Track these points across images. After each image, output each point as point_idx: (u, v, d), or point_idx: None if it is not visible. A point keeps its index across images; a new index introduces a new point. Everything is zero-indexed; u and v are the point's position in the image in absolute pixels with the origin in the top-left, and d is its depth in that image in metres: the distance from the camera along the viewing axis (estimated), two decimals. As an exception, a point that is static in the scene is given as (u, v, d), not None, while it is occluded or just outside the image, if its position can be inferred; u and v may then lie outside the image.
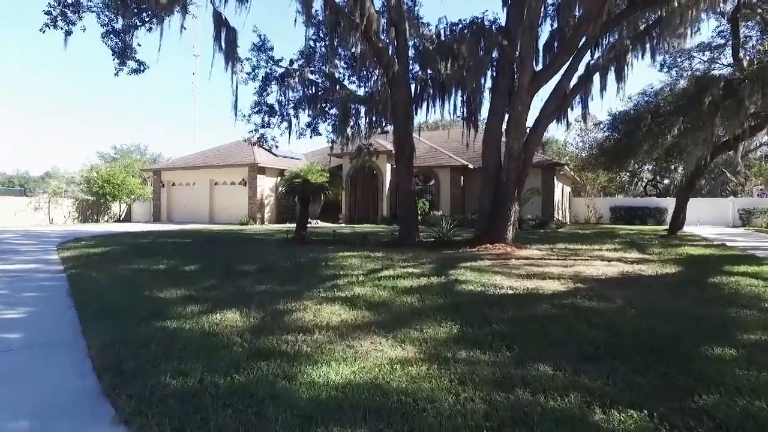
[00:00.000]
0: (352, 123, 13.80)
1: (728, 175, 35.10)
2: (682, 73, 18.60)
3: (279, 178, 22.32)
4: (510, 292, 5.59)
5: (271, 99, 13.01)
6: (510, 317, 4.39)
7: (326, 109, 14.22)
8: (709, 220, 24.25)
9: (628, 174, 38.89)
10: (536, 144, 10.60)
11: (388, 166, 22.59)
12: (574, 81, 10.46)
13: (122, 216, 28.00)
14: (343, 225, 21.56)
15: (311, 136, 13.63)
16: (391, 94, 10.82)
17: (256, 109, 12.90)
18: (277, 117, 13.28)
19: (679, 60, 18.53)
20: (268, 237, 13.63)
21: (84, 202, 26.53)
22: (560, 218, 23.23)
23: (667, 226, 24.02)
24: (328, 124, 14.41)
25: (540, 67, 10.46)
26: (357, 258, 8.44)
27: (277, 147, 13.73)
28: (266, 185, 23.21)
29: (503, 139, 10.64)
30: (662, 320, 4.26)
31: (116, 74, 10.17)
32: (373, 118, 12.96)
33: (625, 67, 10.85)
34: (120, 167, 29.61)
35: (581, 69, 10.67)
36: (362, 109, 13.88)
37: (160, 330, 3.92)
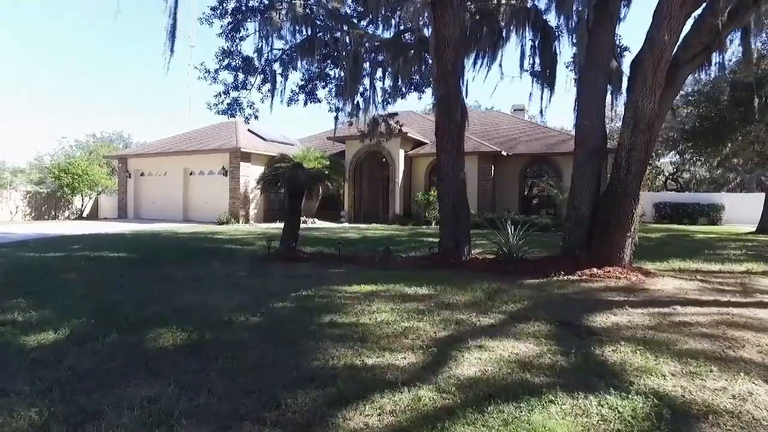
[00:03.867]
0: (361, 89, 9.82)
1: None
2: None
3: (267, 167, 18.26)
4: None
5: (248, 48, 9.01)
6: None
7: (326, 68, 10.24)
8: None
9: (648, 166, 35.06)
10: (670, 105, 6.68)
11: (401, 153, 18.60)
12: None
13: (86, 212, 23.86)
14: (346, 225, 17.60)
15: (306, 103, 9.63)
16: (434, 24, 6.76)
17: (225, 61, 8.81)
18: (257, 75, 9.26)
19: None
20: (245, 246, 9.68)
21: (37, 196, 22.39)
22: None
23: (724, 225, 20.41)
24: (329, 90, 10.41)
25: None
26: (386, 302, 4.58)
27: (256, 118, 9.67)
28: (252, 175, 19.04)
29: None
30: None
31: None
32: (398, 77, 8.91)
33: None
34: (84, 154, 25.46)
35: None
36: (379, 71, 9.91)
37: None
